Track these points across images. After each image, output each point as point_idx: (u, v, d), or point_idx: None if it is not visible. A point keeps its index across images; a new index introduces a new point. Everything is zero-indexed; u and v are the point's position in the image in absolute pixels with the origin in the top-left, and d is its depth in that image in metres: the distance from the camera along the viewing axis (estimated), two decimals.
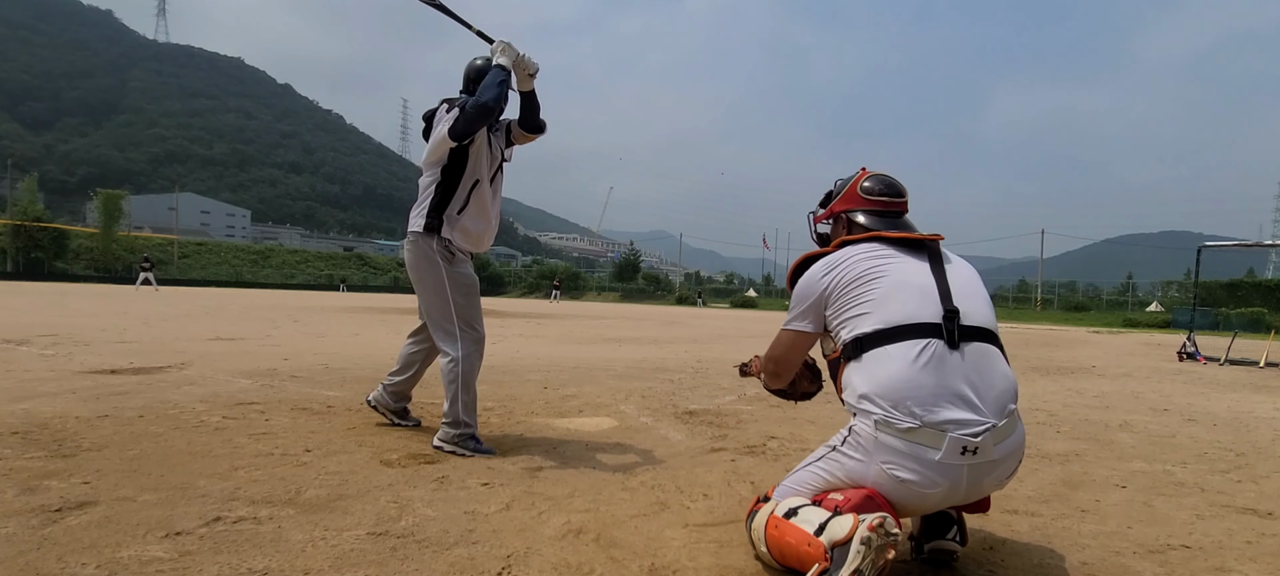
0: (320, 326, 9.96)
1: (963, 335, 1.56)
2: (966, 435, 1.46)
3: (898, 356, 1.53)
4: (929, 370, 1.51)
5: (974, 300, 1.64)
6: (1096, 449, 3.30)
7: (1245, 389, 6.39)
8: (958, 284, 1.65)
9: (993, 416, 1.50)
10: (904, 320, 1.57)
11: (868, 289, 1.63)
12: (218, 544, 1.66)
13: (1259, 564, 1.83)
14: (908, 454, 1.48)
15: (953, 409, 1.49)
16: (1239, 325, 23.22)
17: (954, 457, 1.46)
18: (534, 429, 3.20)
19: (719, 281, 76.75)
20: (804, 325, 1.75)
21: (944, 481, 1.48)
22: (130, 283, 43.48)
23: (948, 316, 1.57)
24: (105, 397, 3.49)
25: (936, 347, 1.53)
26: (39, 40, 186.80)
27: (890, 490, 1.51)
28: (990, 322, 1.64)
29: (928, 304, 1.59)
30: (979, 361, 1.55)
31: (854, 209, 1.88)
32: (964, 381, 1.52)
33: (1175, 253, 56.68)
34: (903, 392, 1.50)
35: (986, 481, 1.53)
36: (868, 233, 1.77)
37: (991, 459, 1.49)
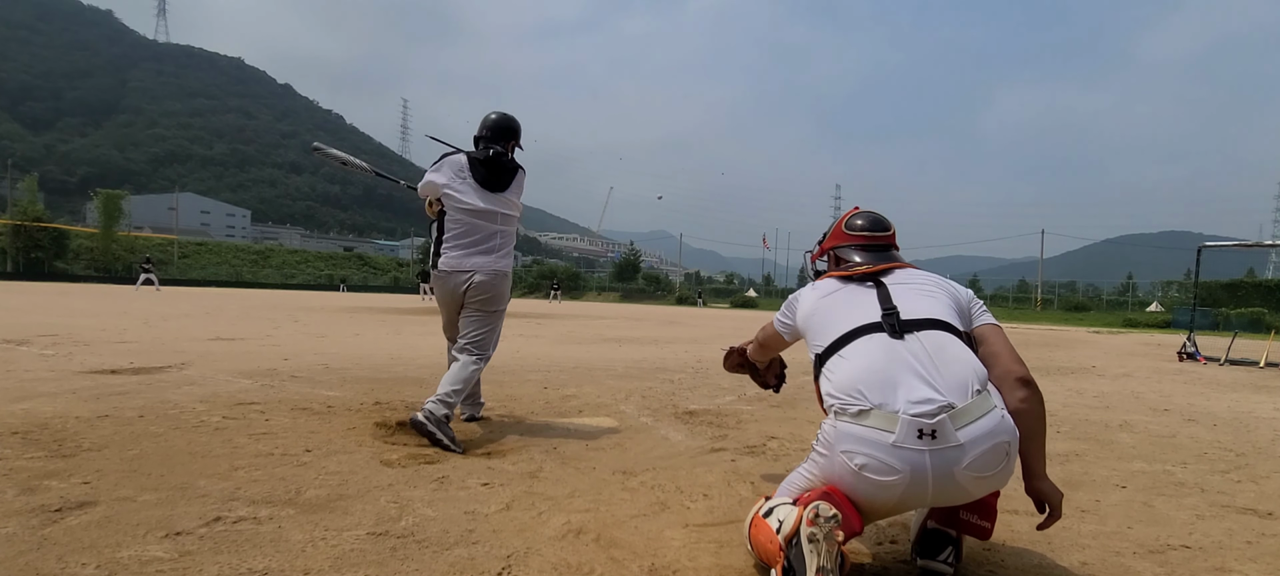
0: (320, 326, 9.96)
1: (905, 327, 1.64)
2: (921, 415, 1.45)
3: (848, 355, 1.64)
4: (876, 357, 1.58)
5: (917, 300, 1.72)
6: (1097, 449, 3.30)
7: (1245, 389, 6.39)
8: (901, 293, 1.75)
9: (951, 396, 1.48)
10: (850, 327, 1.69)
11: (824, 318, 1.79)
12: (218, 544, 1.66)
13: (1259, 564, 1.83)
14: (863, 439, 1.49)
15: (904, 390, 1.49)
16: (1239, 325, 23.22)
17: (911, 441, 1.44)
18: (534, 429, 3.20)
19: (719, 281, 76.71)
20: (783, 328, 2.02)
21: (903, 468, 1.44)
22: (131, 282, 43.53)
23: (886, 314, 1.68)
24: (105, 397, 3.49)
25: (881, 338, 1.63)
26: (39, 40, 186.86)
27: (851, 484, 1.51)
28: (937, 314, 1.68)
29: (869, 313, 1.71)
30: (929, 346, 1.59)
31: (842, 244, 2.02)
32: (915, 362, 1.54)
33: (1175, 253, 56.65)
34: (854, 380, 1.56)
35: (959, 472, 1.44)
36: (841, 270, 1.94)
37: (956, 443, 1.44)
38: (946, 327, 1.64)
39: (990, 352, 1.68)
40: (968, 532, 1.63)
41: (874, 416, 1.49)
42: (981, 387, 1.52)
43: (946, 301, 1.74)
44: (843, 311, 1.75)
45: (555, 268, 74.06)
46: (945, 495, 1.49)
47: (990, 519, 1.60)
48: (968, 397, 1.49)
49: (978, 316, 1.77)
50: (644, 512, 2.05)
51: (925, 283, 1.80)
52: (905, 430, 1.45)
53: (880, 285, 1.80)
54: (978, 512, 1.60)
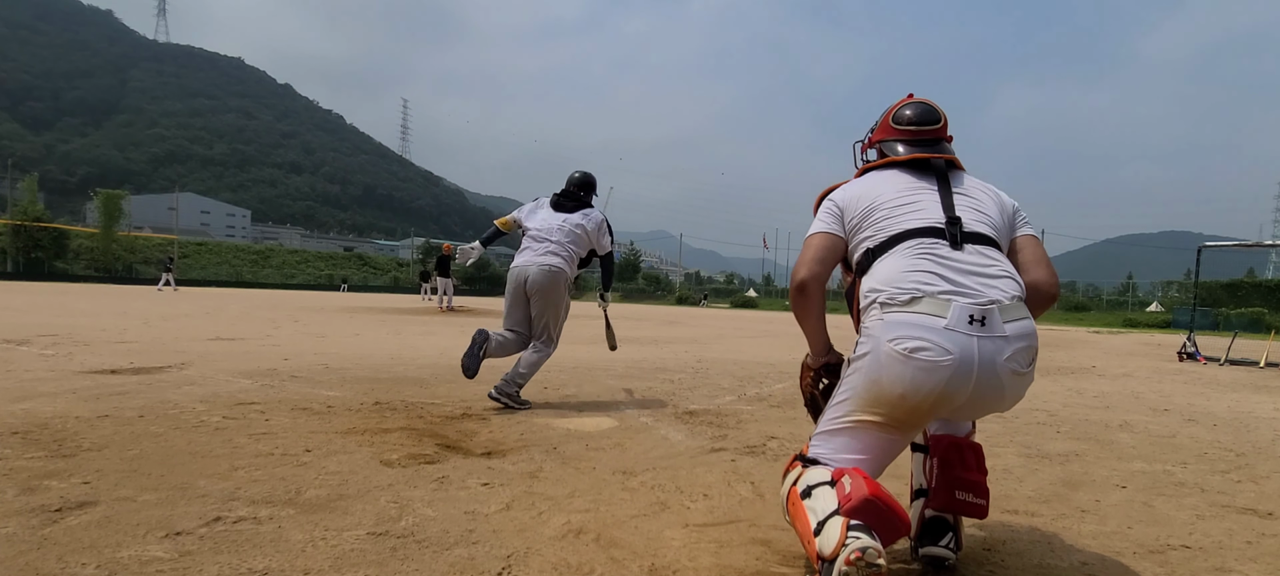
0: (320, 326, 9.96)
1: (965, 238, 1.64)
2: (972, 303, 1.50)
3: (900, 253, 1.63)
4: (930, 260, 1.59)
5: (979, 212, 1.71)
6: (1097, 449, 3.30)
7: (1245, 389, 6.39)
8: (963, 202, 1.72)
9: (998, 295, 1.54)
10: (907, 228, 1.66)
11: (876, 211, 1.72)
12: (218, 544, 1.66)
13: (1259, 564, 1.83)
14: (915, 324, 1.51)
15: (954, 285, 1.54)
16: (1239, 325, 23.22)
17: (962, 325, 1.49)
18: (534, 429, 3.20)
19: (719, 281, 76.71)
20: (826, 227, 1.79)
21: (954, 350, 1.47)
22: (131, 283, 43.51)
23: (950, 222, 1.66)
24: (105, 397, 3.49)
25: (939, 244, 1.62)
26: (39, 40, 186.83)
27: (897, 372, 1.51)
28: (994, 231, 1.70)
29: (931, 215, 1.68)
30: (981, 257, 1.61)
31: (889, 138, 1.93)
32: (966, 269, 1.58)
33: (1175, 253, 56.63)
34: (906, 276, 1.57)
35: (1000, 363, 1.49)
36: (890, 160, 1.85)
37: (1002, 334, 1.50)
38: (996, 244, 1.68)
39: (1025, 260, 1.75)
40: (965, 512, 1.62)
41: (926, 303, 1.52)
42: (1020, 295, 1.59)
43: (997, 219, 1.74)
44: (902, 205, 1.70)
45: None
46: (984, 387, 1.50)
47: (984, 496, 1.61)
48: (1010, 298, 1.55)
49: (1019, 227, 1.80)
50: (644, 512, 2.05)
51: (982, 197, 1.77)
52: (958, 314, 1.49)
53: (944, 182, 1.76)
54: (972, 491, 1.60)
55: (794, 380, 5.63)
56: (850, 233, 1.77)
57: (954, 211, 1.68)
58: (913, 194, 1.72)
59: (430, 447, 2.71)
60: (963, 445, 1.66)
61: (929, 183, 1.76)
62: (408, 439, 2.85)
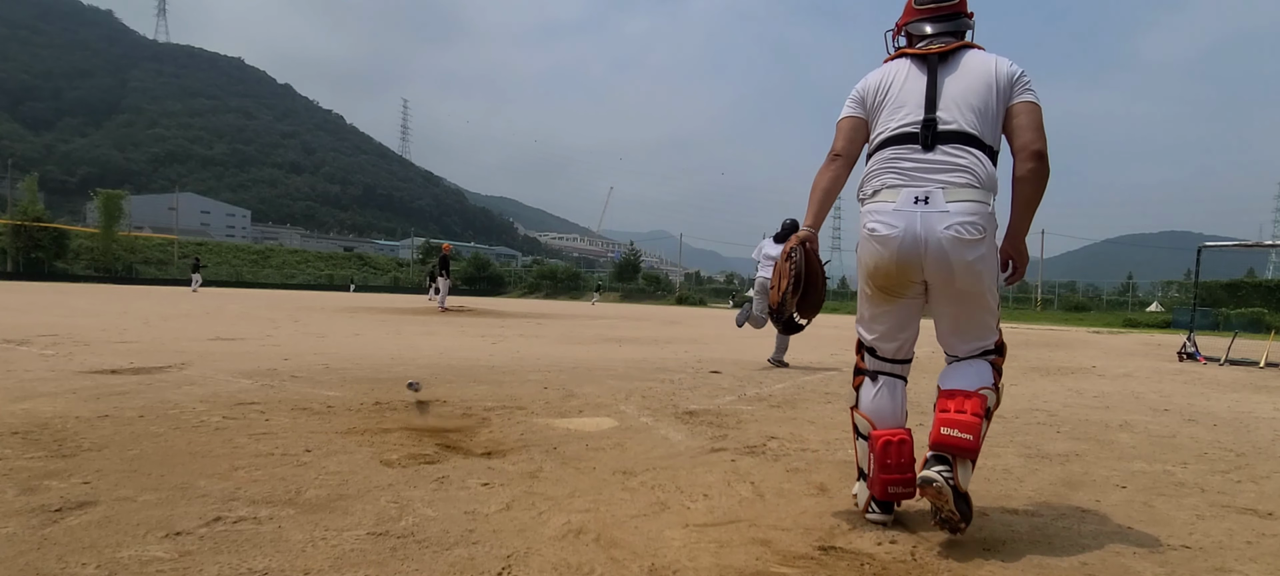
0: (320, 326, 9.96)
1: (939, 138, 1.91)
2: (918, 189, 1.89)
3: (879, 157, 2.00)
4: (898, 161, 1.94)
5: (960, 107, 1.93)
6: (1097, 449, 3.30)
7: (1245, 389, 6.39)
8: (949, 93, 1.95)
9: (945, 181, 1.87)
10: (891, 132, 1.98)
11: (880, 110, 2.03)
12: (218, 544, 1.66)
13: (1259, 564, 1.83)
14: (874, 211, 1.95)
15: (911, 179, 1.91)
16: (1239, 325, 23.22)
17: (907, 205, 1.89)
18: (534, 429, 3.20)
19: (719, 281, 76.70)
20: (851, 111, 2.09)
21: (900, 225, 1.89)
22: (131, 283, 43.49)
23: (925, 123, 1.93)
24: (105, 397, 3.49)
25: (910, 149, 1.93)
26: (39, 40, 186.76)
27: (866, 249, 1.98)
28: (973, 129, 1.91)
29: (912, 116, 1.95)
30: (945, 156, 1.90)
31: (914, 20, 2.15)
32: (927, 165, 1.90)
33: (1175, 253, 56.62)
34: (875, 177, 1.98)
35: (940, 232, 1.84)
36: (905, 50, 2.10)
37: (943, 209, 1.85)
38: (974, 142, 1.90)
39: (1016, 126, 1.94)
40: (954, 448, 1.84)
41: (884, 194, 1.94)
42: (976, 182, 1.87)
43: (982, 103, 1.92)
44: (892, 105, 2.00)
45: (551, 268, 73.86)
46: (934, 251, 1.86)
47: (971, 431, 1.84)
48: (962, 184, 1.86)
49: (1018, 94, 1.95)
50: (644, 512, 2.05)
51: (972, 83, 1.94)
52: (904, 198, 1.90)
53: (932, 75, 1.98)
54: (959, 426, 1.85)
55: (794, 380, 5.63)
56: (870, 117, 2.07)
57: (933, 112, 1.93)
58: (905, 94, 1.99)
59: (430, 447, 2.72)
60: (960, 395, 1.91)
61: (922, 78, 1.99)
62: (408, 439, 2.85)
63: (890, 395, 2.05)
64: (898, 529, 1.98)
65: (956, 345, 2.03)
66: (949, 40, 2.04)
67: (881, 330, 2.07)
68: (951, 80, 1.96)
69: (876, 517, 2.01)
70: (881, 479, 1.93)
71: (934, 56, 2.01)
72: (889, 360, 2.09)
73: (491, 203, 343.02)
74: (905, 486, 1.93)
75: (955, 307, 1.96)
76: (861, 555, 1.78)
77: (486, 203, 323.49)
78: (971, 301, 1.94)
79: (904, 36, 2.19)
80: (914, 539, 1.91)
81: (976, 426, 1.85)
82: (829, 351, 9.23)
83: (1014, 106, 1.94)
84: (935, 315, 2.04)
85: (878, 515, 2.01)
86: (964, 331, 2.00)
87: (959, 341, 2.02)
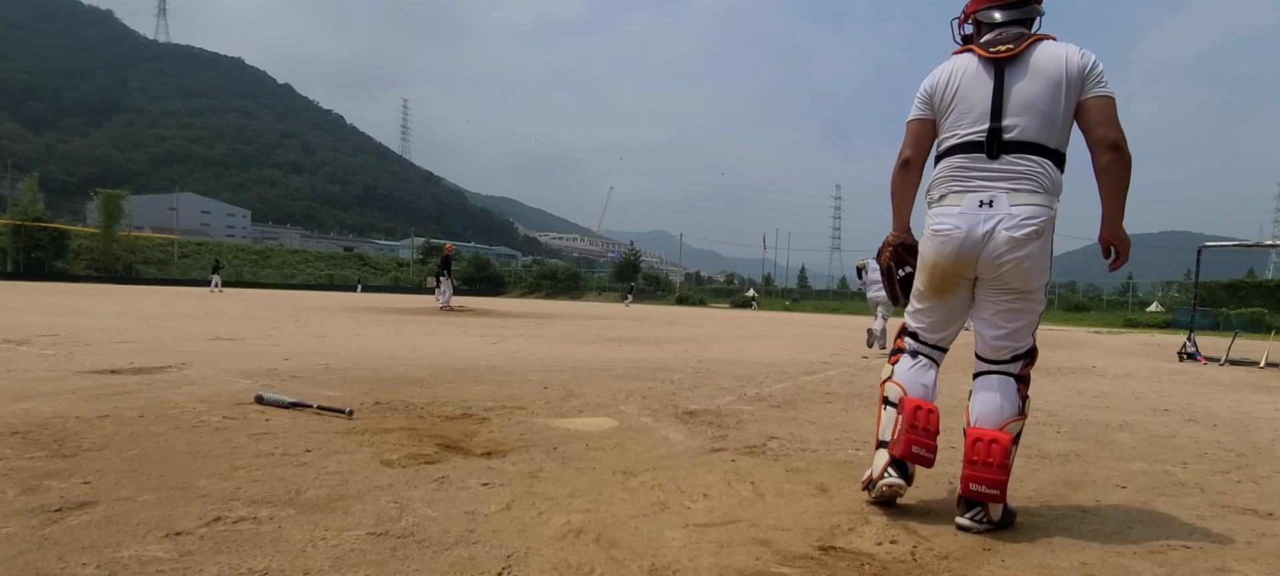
0: (320, 326, 9.97)
1: (1004, 148, 2.00)
2: (983, 194, 2.00)
3: (946, 163, 2.10)
4: (964, 169, 2.05)
5: (1027, 116, 1.98)
6: (1097, 449, 3.30)
7: (1245, 389, 6.39)
8: (1019, 99, 2.00)
9: (1009, 186, 1.98)
10: (959, 139, 2.07)
11: (948, 114, 2.11)
12: (218, 544, 1.66)
13: (1259, 564, 1.83)
14: (941, 213, 2.08)
15: (975, 186, 2.02)
16: (1239, 325, 23.22)
17: (972, 208, 2.01)
18: (534, 429, 3.20)
19: (719, 281, 76.70)
20: (919, 114, 2.17)
21: (962, 224, 2.01)
22: (131, 283, 43.49)
23: (991, 132, 2.01)
24: (105, 397, 3.49)
25: (976, 158, 2.03)
26: (39, 40, 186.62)
27: (927, 247, 2.11)
28: (1038, 137, 1.98)
29: (978, 124, 2.03)
30: (1008, 166, 1.99)
31: (984, 7, 2.19)
32: (991, 173, 2.00)
33: (1175, 253, 56.54)
34: (942, 183, 2.10)
35: (999, 232, 1.96)
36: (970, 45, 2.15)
37: (1006, 212, 1.96)
38: (1039, 150, 1.98)
39: (1090, 120, 1.99)
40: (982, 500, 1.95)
41: (950, 199, 2.07)
42: (1037, 188, 1.97)
43: (1051, 106, 1.97)
44: (959, 110, 2.07)
45: (551, 268, 73.84)
46: (991, 251, 1.98)
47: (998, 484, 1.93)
48: (1026, 188, 1.97)
49: (1090, 89, 1.99)
50: (644, 512, 2.05)
51: (1043, 86, 1.98)
52: (969, 203, 2.02)
53: (999, 80, 2.02)
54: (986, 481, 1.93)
55: (794, 380, 5.63)
56: (937, 117, 2.14)
57: (999, 121, 2.00)
58: (973, 99, 2.05)
59: (430, 447, 2.71)
60: (987, 437, 1.98)
61: (988, 82, 2.03)
62: (408, 439, 2.85)
63: (925, 371, 2.20)
64: (898, 529, 1.98)
65: (994, 348, 2.10)
66: (1018, 35, 2.05)
67: (930, 321, 2.21)
68: (1020, 85, 2.00)
69: (892, 480, 2.05)
70: (908, 437, 2.01)
71: (1002, 60, 2.03)
72: (930, 346, 2.23)
73: (491, 202, 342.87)
74: (928, 452, 2.03)
75: (1002, 305, 2.07)
76: (861, 555, 1.78)
77: (486, 202, 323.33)
78: (1018, 300, 2.05)
79: (972, 23, 2.23)
80: (914, 539, 1.91)
81: (1003, 480, 1.94)
82: (829, 351, 9.23)
83: (1086, 101, 1.98)
84: (977, 315, 2.15)
85: (893, 478, 2.05)
86: (1005, 331, 2.08)
87: (998, 343, 2.09)
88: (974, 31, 2.23)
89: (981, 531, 1.95)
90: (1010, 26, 2.10)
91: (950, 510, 2.17)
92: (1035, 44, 2.03)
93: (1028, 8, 2.12)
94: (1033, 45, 2.03)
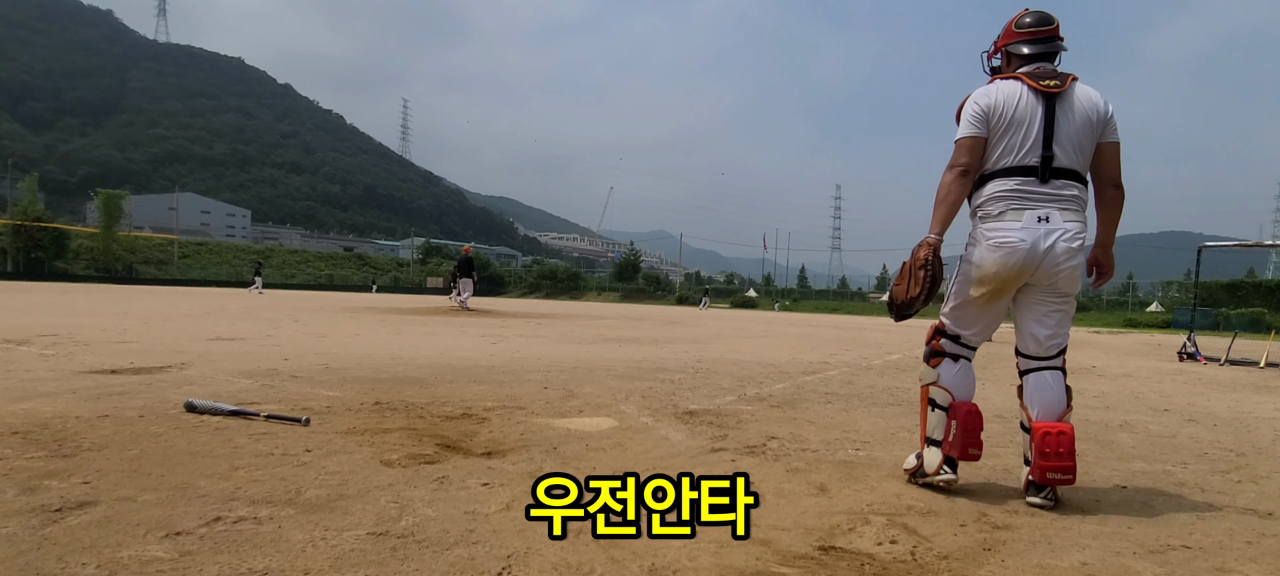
0: (320, 326, 9.97)
1: (1054, 173, 2.25)
2: (1041, 210, 2.23)
3: (1000, 180, 2.29)
4: (1019, 189, 2.26)
5: (1070, 145, 2.25)
6: (1097, 449, 3.30)
7: (1245, 389, 6.39)
8: (1065, 130, 2.25)
9: (1060, 205, 2.24)
10: (1012, 163, 2.27)
11: (1001, 136, 2.28)
12: (218, 544, 1.66)
13: (1259, 564, 1.83)
14: (1000, 226, 2.27)
15: (1031, 204, 2.24)
16: (1239, 325, 23.22)
17: (1031, 223, 2.23)
18: (534, 429, 3.20)
19: (719, 281, 76.69)
20: (977, 131, 2.31)
21: (1027, 238, 2.22)
22: (131, 283, 43.48)
23: (1044, 159, 2.25)
24: (105, 397, 3.49)
25: (1029, 180, 2.25)
26: (39, 40, 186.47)
27: (993, 257, 2.26)
28: (1076, 165, 2.28)
29: (1032, 151, 2.25)
30: (1056, 190, 2.25)
31: (1014, 41, 2.43)
32: (1043, 195, 2.24)
33: (1175, 253, 56.53)
34: (999, 200, 2.28)
35: (1058, 243, 2.21)
36: (1015, 73, 2.34)
37: (1062, 227, 2.22)
38: (1078, 177, 2.28)
39: (1104, 160, 2.32)
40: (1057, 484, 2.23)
41: (1010, 215, 2.26)
42: (1083, 213, 2.28)
43: (1087, 141, 2.28)
44: (1012, 134, 2.27)
45: (552, 268, 73.80)
46: (1051, 260, 2.22)
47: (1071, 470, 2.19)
48: (1070, 209, 2.26)
49: (1109, 135, 2.31)
50: None
51: (1082, 127, 2.26)
52: (1028, 219, 2.24)
53: (1049, 113, 2.25)
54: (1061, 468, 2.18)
55: (794, 380, 5.63)
56: (990, 137, 2.30)
57: (1049, 149, 2.24)
58: (1026, 127, 2.25)
59: (430, 447, 2.71)
60: (1054, 431, 2.21)
61: (1038, 111, 2.25)
62: (408, 439, 2.85)
63: (967, 373, 2.42)
64: (898, 529, 1.99)
65: (1041, 343, 2.34)
66: (1056, 72, 2.30)
67: (977, 327, 2.43)
68: (1065, 120, 2.26)
69: (947, 476, 2.35)
70: (963, 441, 2.28)
71: (1053, 95, 2.27)
72: (969, 347, 2.45)
73: (491, 202, 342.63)
74: (978, 449, 2.32)
75: (1052, 306, 2.32)
76: (861, 555, 1.78)
77: (486, 202, 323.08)
78: (1066, 302, 2.34)
79: (1002, 56, 2.49)
80: (914, 539, 1.91)
81: (1074, 466, 2.20)
82: (829, 352, 9.23)
83: (1104, 145, 2.32)
84: (1026, 316, 2.38)
85: (950, 474, 2.35)
86: (1054, 328, 2.34)
87: (1048, 341, 2.34)
88: (1003, 63, 2.49)
89: (1047, 508, 2.22)
90: (1044, 62, 2.35)
91: (950, 511, 2.18)
92: (1073, 83, 2.29)
93: (1052, 43, 2.38)
94: (1073, 84, 2.29)
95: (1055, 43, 2.38)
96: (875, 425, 3.70)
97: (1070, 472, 2.19)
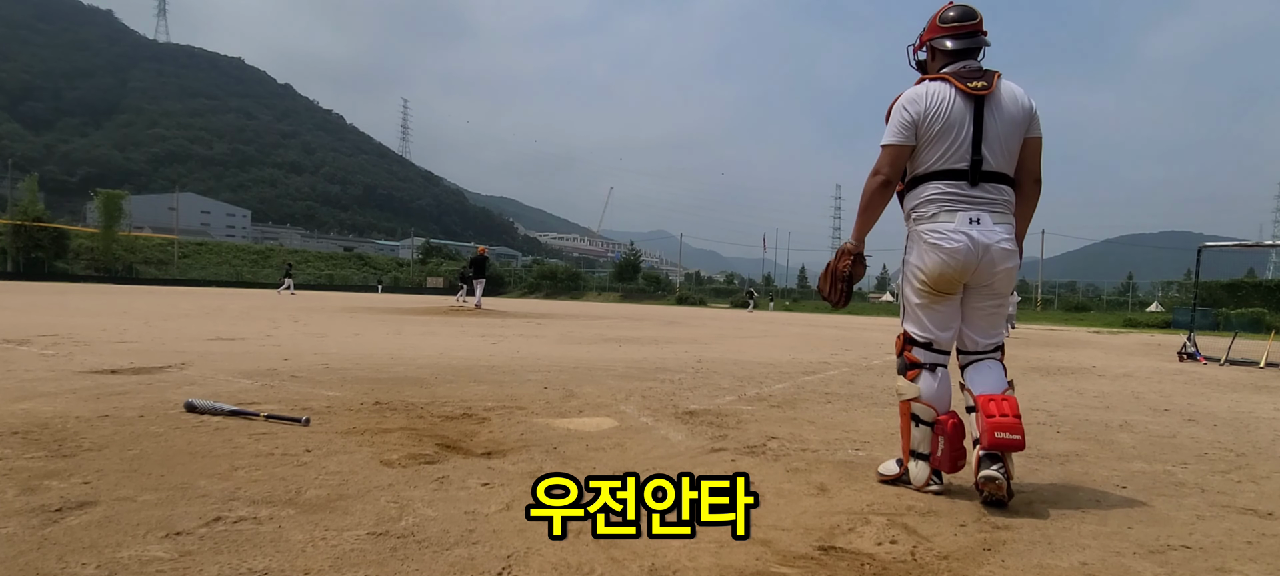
0: (320, 326, 9.97)
1: (983, 177, 2.28)
2: (971, 211, 2.26)
3: (932, 183, 2.31)
4: (950, 192, 2.28)
5: (998, 150, 2.28)
6: (1097, 449, 3.30)
7: (1245, 389, 6.39)
8: (993, 132, 2.27)
9: (990, 208, 2.28)
10: (942, 167, 2.29)
11: (929, 140, 2.29)
12: (218, 544, 1.66)
13: (1259, 564, 1.83)
14: (938, 231, 2.28)
15: (963, 205, 2.27)
16: (1239, 325, 23.22)
17: (964, 225, 2.26)
18: (534, 429, 3.20)
19: (719, 281, 76.69)
20: (901, 139, 2.31)
21: (963, 239, 2.24)
22: (131, 283, 43.48)
23: (974, 163, 2.27)
24: (105, 397, 3.49)
25: (959, 184, 2.28)
26: (39, 40, 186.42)
27: (935, 258, 2.28)
28: (1004, 167, 2.31)
29: (962, 154, 2.27)
30: (985, 192, 2.29)
31: (938, 37, 2.41)
32: (974, 198, 2.28)
33: (1175, 253, 56.59)
34: (932, 203, 2.30)
35: (993, 246, 2.25)
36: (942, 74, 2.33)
37: (992, 229, 2.26)
38: (1006, 180, 2.32)
39: (1027, 154, 2.35)
40: (1006, 448, 2.15)
41: (942, 217, 2.28)
42: (1011, 213, 2.34)
43: (1014, 141, 2.31)
44: (940, 138, 2.27)
45: (552, 268, 73.78)
46: (988, 261, 2.26)
47: (1019, 431, 2.14)
48: (999, 210, 2.30)
49: (1033, 130, 2.34)
50: None
51: (1010, 128, 2.29)
52: (960, 219, 2.26)
53: (978, 116, 2.26)
54: (1008, 429, 2.14)
55: (794, 380, 5.63)
56: (920, 140, 2.31)
57: (979, 153, 2.27)
58: (956, 132, 2.26)
59: (430, 447, 2.71)
60: (997, 398, 2.22)
61: (967, 115, 2.27)
62: (408, 439, 2.85)
63: (945, 383, 2.41)
64: (898, 529, 1.98)
65: (978, 340, 2.40)
66: (982, 71, 2.31)
67: (938, 325, 2.39)
68: (992, 123, 2.28)
69: (935, 487, 2.37)
70: (951, 456, 2.27)
71: (981, 98, 2.27)
72: (941, 352, 2.41)
73: (492, 202, 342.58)
74: (964, 459, 2.31)
75: (988, 304, 2.38)
76: (861, 555, 1.78)
77: (486, 202, 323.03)
78: (1001, 301, 2.39)
79: (927, 50, 2.47)
80: (914, 539, 1.91)
81: (1021, 427, 2.17)
82: (829, 352, 9.23)
83: (1029, 140, 2.35)
84: (967, 317, 2.41)
85: (938, 485, 2.38)
86: (990, 325, 2.40)
87: (982, 335, 2.40)
88: (929, 57, 2.47)
89: (1001, 481, 2.15)
90: (962, 56, 2.36)
91: (950, 511, 2.18)
92: (999, 81, 2.31)
93: (976, 38, 2.37)
94: (999, 83, 2.30)
95: (979, 37, 2.38)
96: (875, 425, 3.71)
97: (1018, 433, 2.14)
